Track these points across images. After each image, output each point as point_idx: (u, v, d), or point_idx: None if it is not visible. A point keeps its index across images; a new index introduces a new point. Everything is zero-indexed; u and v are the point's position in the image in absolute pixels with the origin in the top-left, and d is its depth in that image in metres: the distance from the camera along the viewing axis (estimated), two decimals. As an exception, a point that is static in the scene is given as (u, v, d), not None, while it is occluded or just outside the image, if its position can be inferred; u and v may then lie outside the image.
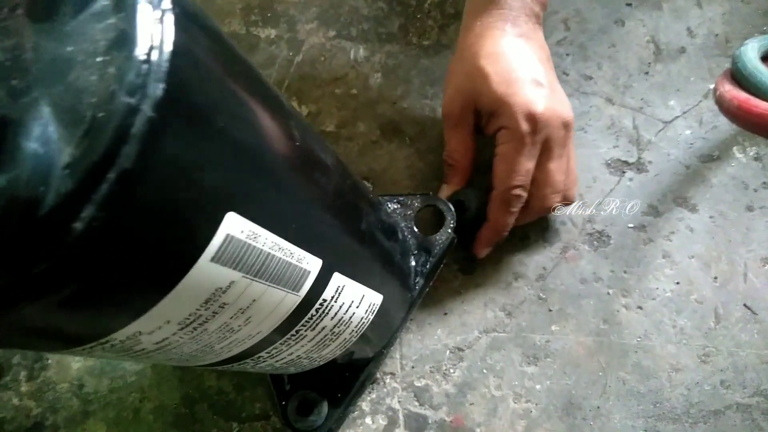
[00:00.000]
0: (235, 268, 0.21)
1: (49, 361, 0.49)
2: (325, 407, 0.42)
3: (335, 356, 0.36)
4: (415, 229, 0.44)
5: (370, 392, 0.45)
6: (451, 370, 0.45)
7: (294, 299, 0.26)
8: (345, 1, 0.61)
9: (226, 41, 0.22)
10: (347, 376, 0.43)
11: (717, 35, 0.56)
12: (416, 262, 0.43)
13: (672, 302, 0.46)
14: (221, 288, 0.22)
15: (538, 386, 0.44)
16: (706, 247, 0.48)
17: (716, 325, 0.45)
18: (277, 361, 0.32)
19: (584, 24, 0.57)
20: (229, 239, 0.20)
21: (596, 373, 0.44)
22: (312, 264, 0.26)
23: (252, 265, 0.22)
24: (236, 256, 0.21)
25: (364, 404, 0.45)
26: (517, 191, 0.43)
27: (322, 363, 0.37)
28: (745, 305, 0.46)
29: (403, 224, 0.44)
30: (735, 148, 0.51)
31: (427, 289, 0.44)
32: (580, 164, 0.51)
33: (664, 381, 0.44)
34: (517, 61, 0.43)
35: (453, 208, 0.44)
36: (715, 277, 0.47)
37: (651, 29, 0.57)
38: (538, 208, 0.45)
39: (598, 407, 0.43)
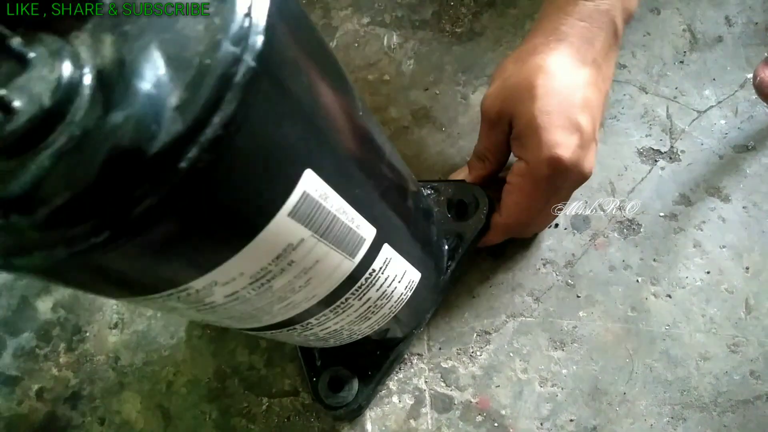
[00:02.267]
0: (306, 226, 0.22)
1: (87, 334, 0.50)
2: (355, 384, 0.42)
3: (371, 332, 0.37)
4: (448, 215, 0.45)
5: (397, 372, 0.46)
6: (478, 353, 0.46)
7: (349, 265, 0.27)
8: (379, -12, 0.61)
9: (304, 10, 0.23)
10: (378, 354, 0.43)
11: (756, 24, 0.55)
12: (449, 246, 0.44)
13: (702, 291, 0.46)
14: (292, 244, 0.22)
15: (564, 371, 0.45)
16: (738, 237, 0.47)
17: (747, 316, 0.45)
18: (321, 329, 0.32)
19: (619, 12, 0.57)
20: (305, 196, 0.21)
21: (623, 360, 0.45)
22: (368, 232, 0.27)
23: (320, 225, 0.23)
24: (309, 215, 0.22)
25: (392, 383, 0.46)
26: (522, 228, 0.45)
27: (359, 337, 0.37)
28: (777, 296, 0.45)
29: (436, 209, 0.45)
30: (771, 138, 0.50)
31: (458, 274, 0.44)
32: (611, 152, 0.51)
33: (692, 369, 0.44)
34: (569, 95, 0.39)
35: (487, 197, 0.44)
36: (747, 268, 0.46)
37: (687, 18, 0.56)
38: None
39: (624, 393, 0.44)
